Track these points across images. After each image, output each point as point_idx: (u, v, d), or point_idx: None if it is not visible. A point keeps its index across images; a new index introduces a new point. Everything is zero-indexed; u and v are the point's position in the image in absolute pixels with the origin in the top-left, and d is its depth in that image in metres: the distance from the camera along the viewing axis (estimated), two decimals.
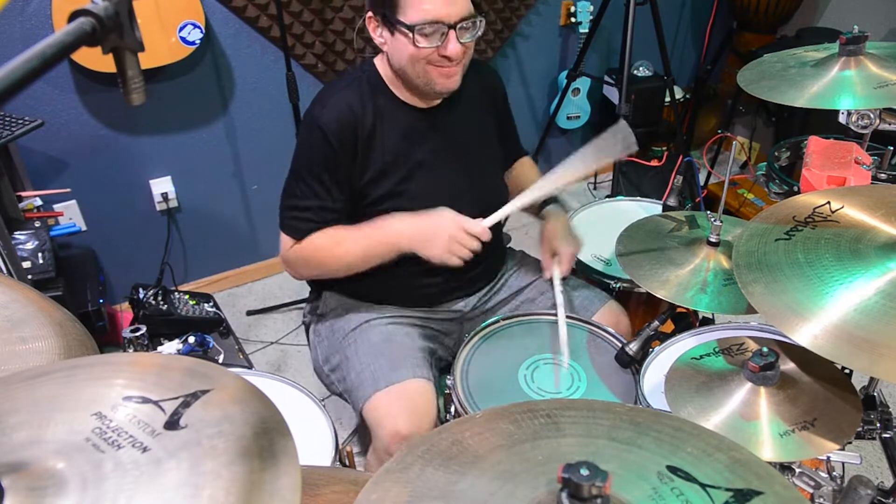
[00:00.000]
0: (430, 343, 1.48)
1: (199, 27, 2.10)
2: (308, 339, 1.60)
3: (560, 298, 1.43)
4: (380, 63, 1.39)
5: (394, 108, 1.38)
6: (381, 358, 1.37)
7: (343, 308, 1.51)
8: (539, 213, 1.60)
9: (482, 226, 1.33)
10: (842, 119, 1.48)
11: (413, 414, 1.29)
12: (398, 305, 1.50)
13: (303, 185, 1.37)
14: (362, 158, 1.35)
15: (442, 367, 1.53)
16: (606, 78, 3.00)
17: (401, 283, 1.45)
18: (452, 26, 1.24)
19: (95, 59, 2.00)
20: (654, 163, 3.05)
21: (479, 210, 1.47)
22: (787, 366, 1.02)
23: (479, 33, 1.30)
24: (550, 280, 1.50)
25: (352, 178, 1.36)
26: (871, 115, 1.45)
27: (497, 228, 1.63)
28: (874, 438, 1.18)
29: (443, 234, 1.30)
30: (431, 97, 1.38)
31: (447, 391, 1.29)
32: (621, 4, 2.45)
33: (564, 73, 2.91)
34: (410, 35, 1.23)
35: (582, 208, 1.88)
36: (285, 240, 1.42)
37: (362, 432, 1.95)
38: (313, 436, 1.20)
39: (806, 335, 0.87)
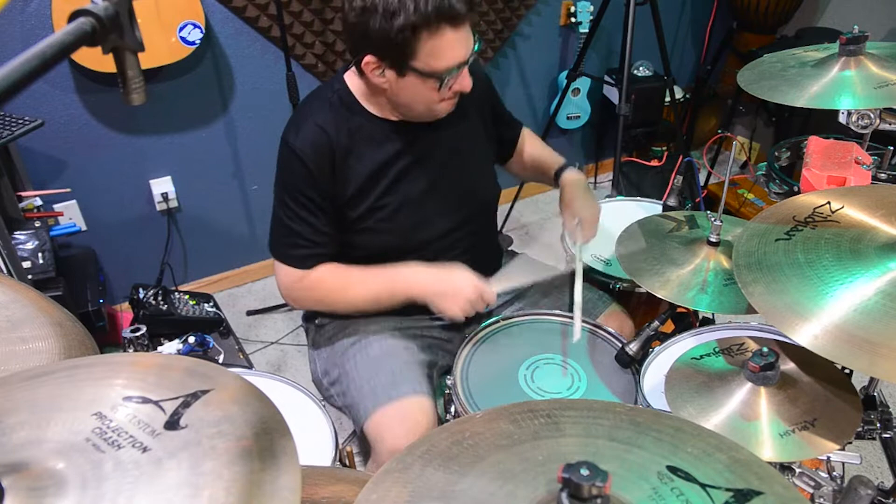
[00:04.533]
0: (431, 355, 1.46)
1: (199, 27, 2.10)
2: (307, 341, 1.59)
3: (580, 267, 1.42)
4: (351, 79, 1.36)
5: (368, 125, 1.35)
6: (381, 373, 1.36)
7: (341, 320, 1.49)
8: (556, 181, 1.60)
9: (492, 291, 1.36)
10: (842, 119, 1.48)
11: (413, 431, 1.28)
12: (397, 315, 1.47)
13: (289, 211, 1.34)
14: (341, 179, 1.34)
15: (444, 372, 1.52)
16: (606, 78, 3.00)
17: None
18: (466, 62, 1.25)
19: (95, 59, 2.00)
20: (654, 163, 3.06)
21: (467, 213, 1.47)
22: (787, 366, 1.02)
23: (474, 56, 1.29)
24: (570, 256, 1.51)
25: (333, 199, 1.34)
26: (871, 115, 1.45)
27: (491, 232, 1.63)
28: (874, 438, 1.18)
29: (461, 295, 1.32)
30: (425, 121, 1.36)
31: (447, 391, 1.29)
32: (621, 4, 2.45)
33: (564, 73, 2.91)
34: (437, 82, 1.23)
35: None
36: (287, 271, 1.39)
37: (363, 437, 1.95)
38: (313, 436, 1.20)
39: (806, 335, 0.87)
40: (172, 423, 0.57)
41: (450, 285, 1.34)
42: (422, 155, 1.40)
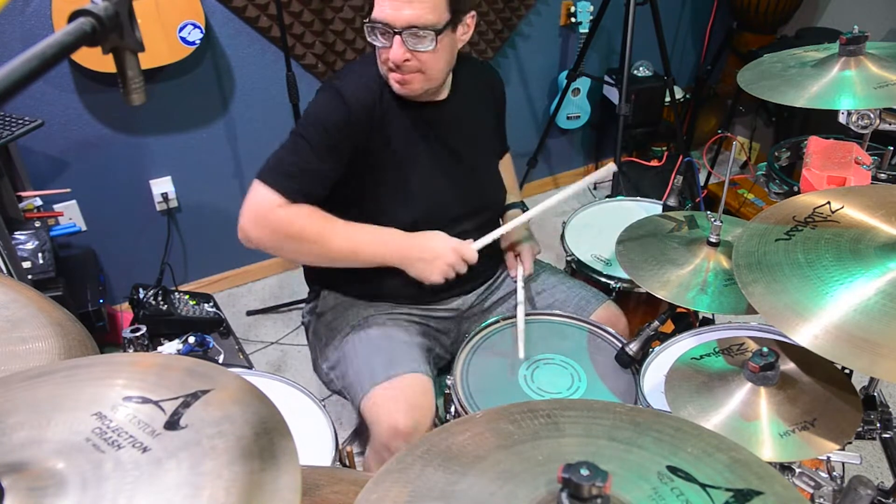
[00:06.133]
0: (428, 340, 1.48)
1: (199, 27, 2.10)
2: (307, 339, 1.60)
3: (521, 296, 1.47)
4: None
5: (399, 100, 1.38)
6: (380, 353, 1.37)
7: (341, 306, 1.51)
8: (502, 214, 1.66)
9: (473, 249, 1.38)
10: (842, 119, 1.48)
11: (411, 408, 1.28)
12: (395, 303, 1.49)
13: (305, 144, 1.31)
14: (377, 135, 1.35)
15: (440, 366, 1.53)
16: (606, 78, 3.00)
17: (397, 281, 1.44)
18: (399, 32, 1.24)
19: (95, 59, 2.00)
20: (654, 163, 3.06)
21: (475, 203, 1.50)
22: (787, 366, 1.02)
23: (433, 47, 1.26)
24: (515, 280, 1.55)
25: (358, 152, 1.34)
26: (871, 115, 1.45)
27: (494, 229, 1.64)
28: (874, 438, 1.19)
29: (440, 258, 1.34)
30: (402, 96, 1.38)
31: (447, 391, 1.29)
32: (621, 4, 2.45)
33: (564, 73, 2.91)
34: (370, 31, 1.27)
35: (582, 208, 1.88)
36: (268, 194, 1.29)
37: (362, 432, 1.95)
38: (313, 436, 1.20)
39: (806, 335, 0.87)
40: (172, 423, 0.57)
41: (428, 251, 1.35)
42: (441, 139, 1.43)
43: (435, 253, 1.34)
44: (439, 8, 1.24)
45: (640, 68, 3.04)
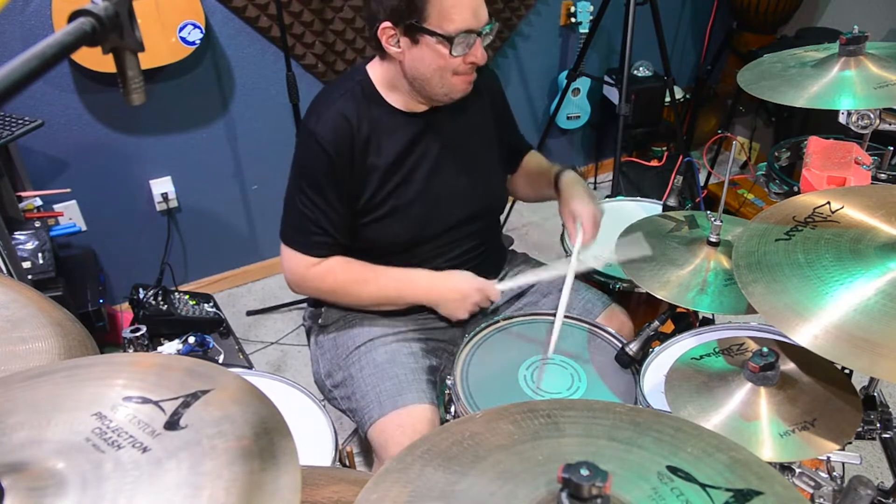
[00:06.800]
0: (434, 359, 1.46)
1: (199, 27, 2.10)
2: (308, 344, 1.59)
3: (571, 273, 1.39)
4: (373, 70, 1.37)
5: (388, 116, 1.36)
6: (386, 380, 1.35)
7: (345, 321, 1.49)
8: (556, 184, 1.55)
9: (497, 290, 1.43)
10: (842, 119, 1.48)
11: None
12: (398, 315, 1.48)
13: (305, 198, 1.35)
14: (360, 168, 1.35)
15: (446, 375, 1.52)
16: (606, 78, 3.00)
17: None
18: (479, 33, 1.26)
19: (95, 59, 2.00)
20: (654, 163, 3.06)
21: (477, 210, 1.48)
22: (787, 366, 1.02)
23: (492, 37, 1.32)
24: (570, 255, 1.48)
25: (350, 188, 1.35)
26: (871, 116, 1.45)
27: (497, 232, 1.63)
28: (874, 438, 1.18)
29: (466, 298, 1.41)
30: (443, 103, 1.37)
31: (447, 391, 1.29)
32: (621, 4, 2.45)
33: (564, 73, 2.91)
34: (447, 45, 1.24)
35: None
36: (297, 257, 1.38)
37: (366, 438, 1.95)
38: (313, 436, 1.20)
39: (806, 335, 0.87)
40: (172, 424, 0.57)
41: (455, 292, 1.41)
42: (438, 148, 1.42)
43: (462, 294, 1.41)
44: None
45: (640, 68, 3.04)
